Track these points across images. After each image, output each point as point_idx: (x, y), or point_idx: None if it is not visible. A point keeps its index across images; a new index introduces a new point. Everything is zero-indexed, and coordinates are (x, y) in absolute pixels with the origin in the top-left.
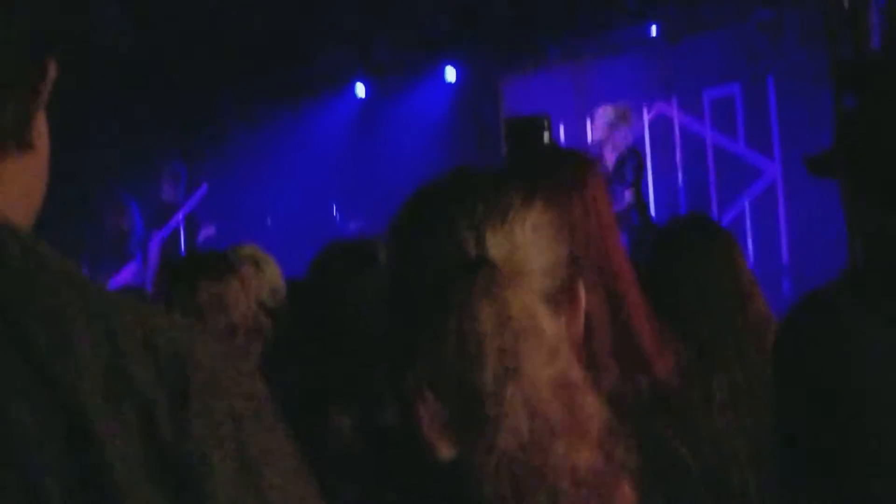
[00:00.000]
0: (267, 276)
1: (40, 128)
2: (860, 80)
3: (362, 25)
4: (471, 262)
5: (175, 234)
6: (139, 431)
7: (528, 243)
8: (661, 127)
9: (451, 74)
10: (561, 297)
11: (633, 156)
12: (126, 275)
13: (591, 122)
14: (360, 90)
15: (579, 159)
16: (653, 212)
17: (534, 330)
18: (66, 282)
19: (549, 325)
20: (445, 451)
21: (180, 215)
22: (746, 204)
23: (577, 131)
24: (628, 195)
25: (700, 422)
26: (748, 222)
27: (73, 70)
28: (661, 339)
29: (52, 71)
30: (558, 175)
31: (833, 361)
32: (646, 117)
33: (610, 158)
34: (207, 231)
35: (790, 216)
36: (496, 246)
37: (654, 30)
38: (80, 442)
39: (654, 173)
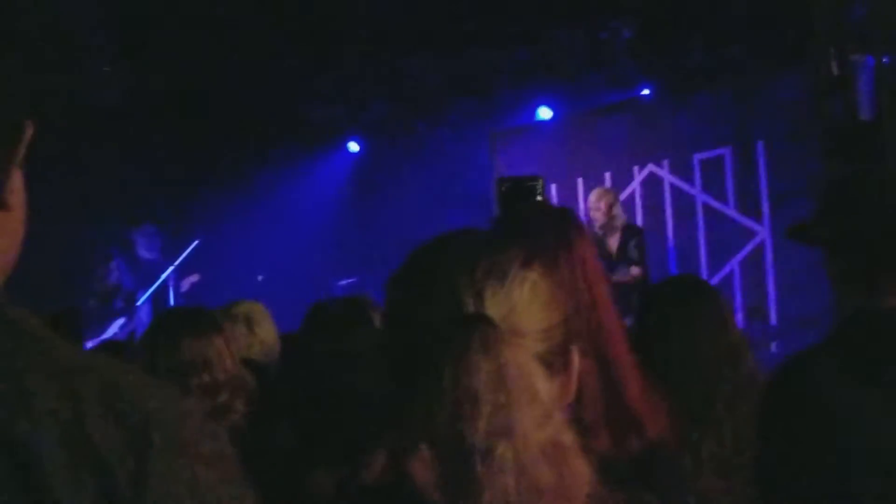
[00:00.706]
0: (259, 335)
1: (15, 186)
2: (848, 146)
3: (357, 84)
4: (469, 318)
5: (165, 291)
6: (97, 492)
7: (525, 305)
8: (651, 187)
9: (443, 132)
10: (555, 360)
11: (635, 232)
12: (114, 328)
13: (591, 207)
14: (354, 146)
15: (565, 218)
16: None
17: (528, 390)
18: (32, 342)
19: (544, 386)
20: None
21: (169, 271)
22: (735, 265)
23: (568, 192)
24: (636, 270)
25: (690, 484)
26: (737, 283)
27: (62, 127)
28: (653, 401)
29: (29, 131)
30: (548, 236)
31: (811, 425)
32: (637, 178)
33: (613, 240)
34: (191, 280)
35: (778, 277)
36: (495, 306)
37: (646, 92)
38: (38, 500)
39: (644, 233)
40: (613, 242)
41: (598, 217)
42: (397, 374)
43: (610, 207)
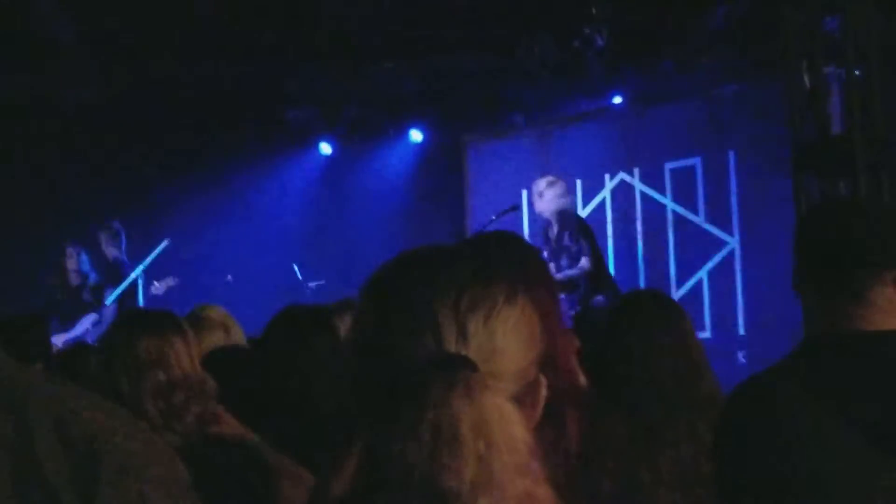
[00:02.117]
0: (234, 339)
1: None
2: (819, 159)
3: (330, 86)
4: (452, 361)
5: (134, 292)
6: None
7: (507, 345)
8: (622, 196)
9: (415, 136)
10: (525, 398)
11: (570, 222)
12: (85, 324)
13: (539, 196)
14: (326, 148)
15: (531, 253)
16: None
17: (508, 439)
18: None
19: (521, 433)
20: None
21: (138, 270)
22: (705, 274)
23: None
24: (584, 263)
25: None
26: (706, 292)
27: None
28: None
29: None
30: (524, 270)
31: (768, 448)
32: (608, 186)
33: (555, 228)
34: (169, 283)
35: (747, 287)
36: (477, 346)
37: (617, 100)
38: None
39: (614, 241)
40: (554, 230)
41: (535, 203)
42: (367, 404)
43: (539, 195)
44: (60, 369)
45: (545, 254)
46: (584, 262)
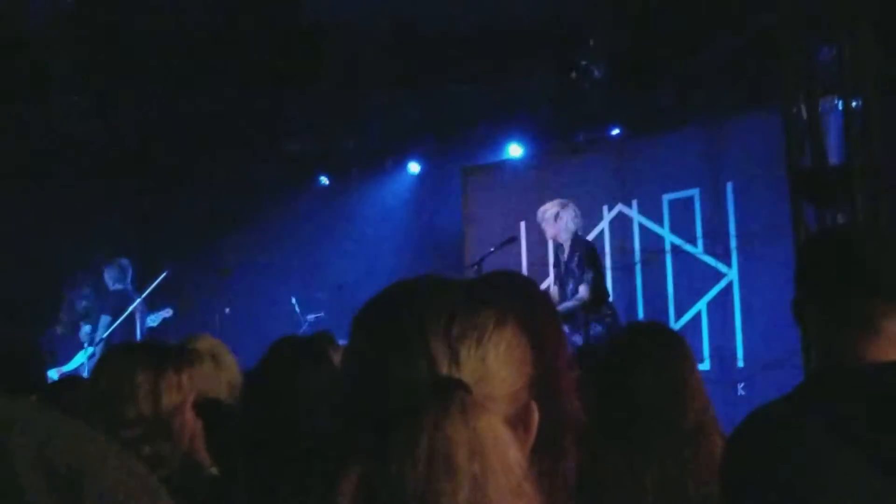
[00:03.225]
0: (225, 371)
1: None
2: (817, 190)
3: (328, 118)
4: (446, 383)
5: (132, 323)
6: None
7: (499, 368)
8: (621, 227)
9: (413, 168)
10: (517, 422)
11: (580, 246)
12: (81, 359)
13: (554, 219)
14: (324, 180)
15: (529, 284)
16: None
17: (503, 461)
18: None
19: (515, 455)
20: None
21: (137, 302)
22: (703, 305)
23: (536, 230)
24: (583, 292)
25: None
26: (704, 323)
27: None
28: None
29: None
30: (517, 297)
31: (775, 484)
32: (606, 217)
33: (567, 252)
34: (164, 314)
35: (746, 319)
36: (469, 369)
37: (615, 131)
38: None
39: (612, 273)
40: (566, 254)
41: (545, 228)
42: (361, 430)
43: (554, 217)
44: (53, 401)
45: (553, 278)
46: (583, 291)
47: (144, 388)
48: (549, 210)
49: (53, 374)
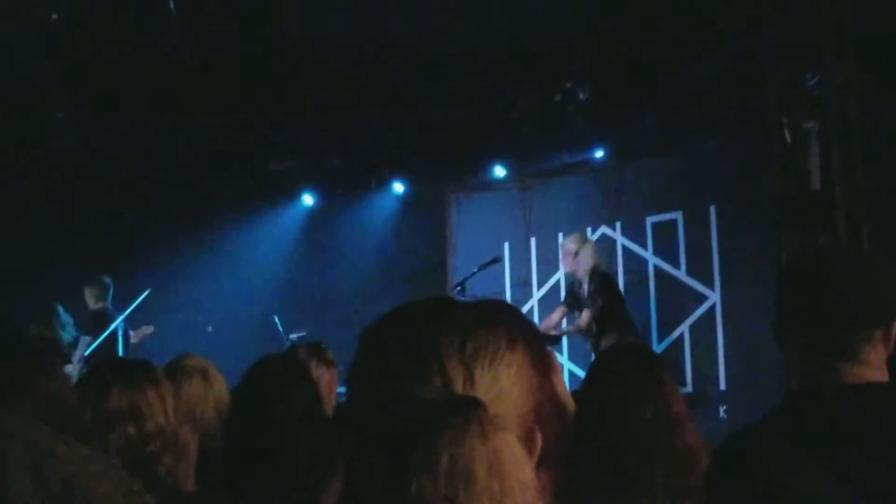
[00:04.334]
0: (215, 389)
1: None
2: (799, 214)
3: (313, 137)
4: (463, 401)
5: (114, 341)
6: None
7: (511, 389)
8: (604, 249)
9: (398, 188)
10: (525, 443)
11: (594, 277)
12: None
13: (574, 256)
14: (308, 200)
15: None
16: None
17: (520, 481)
18: None
19: (531, 475)
20: None
21: (119, 320)
22: (686, 328)
23: (521, 251)
24: (584, 319)
25: None
26: (687, 346)
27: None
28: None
29: None
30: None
31: (752, 499)
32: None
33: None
34: (145, 331)
35: (728, 342)
36: (483, 388)
37: (599, 154)
38: None
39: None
40: (584, 288)
41: (564, 260)
42: (372, 449)
43: (574, 254)
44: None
45: (565, 306)
46: (583, 317)
47: (157, 404)
48: (568, 245)
49: None
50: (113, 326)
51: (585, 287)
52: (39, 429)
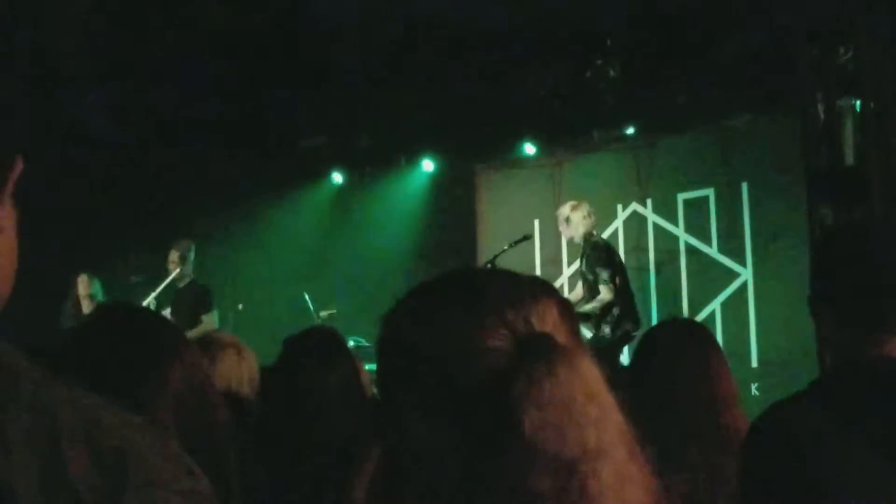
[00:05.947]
0: (247, 363)
1: (6, 212)
2: (833, 190)
3: (342, 115)
4: (542, 337)
5: None
6: None
7: (557, 331)
8: (635, 227)
9: (427, 166)
10: None
11: (592, 247)
12: None
13: (566, 223)
14: (338, 178)
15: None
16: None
17: (612, 402)
18: (10, 377)
19: (613, 397)
20: None
21: (150, 297)
22: (717, 305)
23: (551, 228)
24: (604, 294)
25: None
26: (718, 323)
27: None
28: None
29: (19, 165)
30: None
31: (790, 478)
32: (620, 216)
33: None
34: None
35: (760, 319)
36: (541, 329)
37: (630, 131)
38: None
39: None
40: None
41: (562, 231)
42: (460, 398)
43: (566, 220)
44: None
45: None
46: (604, 292)
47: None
48: (560, 213)
49: None
50: (145, 304)
51: (580, 255)
52: (94, 399)
